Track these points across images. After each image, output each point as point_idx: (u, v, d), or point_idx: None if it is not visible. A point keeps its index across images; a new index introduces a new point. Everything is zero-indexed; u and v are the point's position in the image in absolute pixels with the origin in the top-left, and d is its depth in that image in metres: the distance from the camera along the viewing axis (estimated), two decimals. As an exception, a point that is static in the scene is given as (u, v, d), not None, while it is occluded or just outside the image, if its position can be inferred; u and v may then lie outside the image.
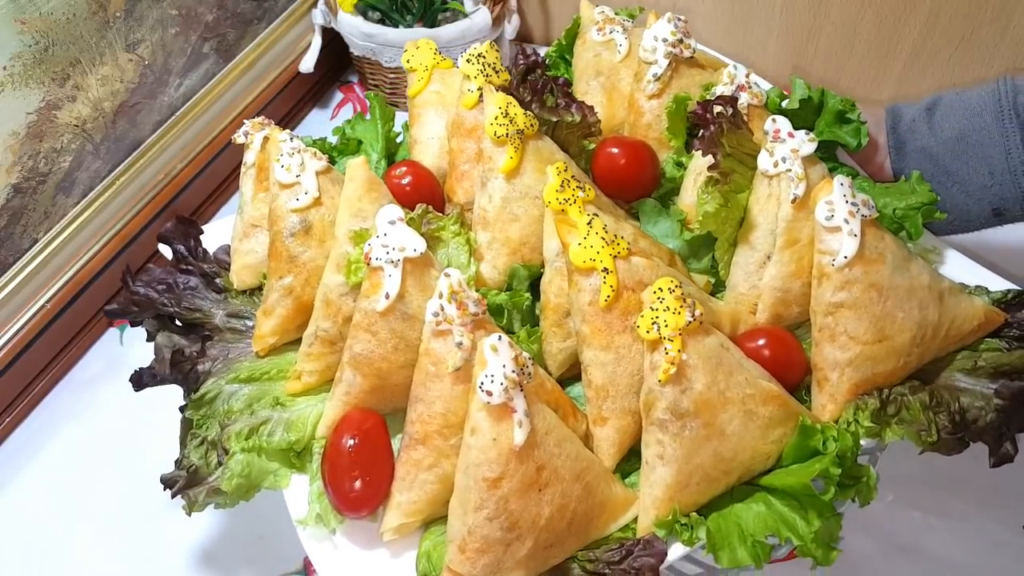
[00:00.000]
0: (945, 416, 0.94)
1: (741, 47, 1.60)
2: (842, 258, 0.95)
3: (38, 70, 1.27)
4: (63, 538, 1.28)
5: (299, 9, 1.80)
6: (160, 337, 1.06)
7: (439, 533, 0.92)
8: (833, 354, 0.97)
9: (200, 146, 1.62)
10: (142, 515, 1.28)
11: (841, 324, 0.96)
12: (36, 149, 1.31)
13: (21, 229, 1.34)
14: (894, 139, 1.18)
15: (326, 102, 1.93)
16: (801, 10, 1.50)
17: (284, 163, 1.05)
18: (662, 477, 0.89)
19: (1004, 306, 1.04)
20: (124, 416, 1.40)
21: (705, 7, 1.61)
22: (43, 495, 1.33)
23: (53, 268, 1.41)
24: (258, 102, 1.73)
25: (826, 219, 0.96)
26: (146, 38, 1.44)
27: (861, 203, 0.97)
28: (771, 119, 1.05)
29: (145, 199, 1.53)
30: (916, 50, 1.43)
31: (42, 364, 1.44)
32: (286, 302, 1.05)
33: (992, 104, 1.10)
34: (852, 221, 0.96)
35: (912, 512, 1.22)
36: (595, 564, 0.88)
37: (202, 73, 1.60)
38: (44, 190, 1.35)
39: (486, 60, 1.15)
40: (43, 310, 1.40)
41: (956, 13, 1.35)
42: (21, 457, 1.38)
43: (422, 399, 0.91)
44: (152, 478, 0.98)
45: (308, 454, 0.97)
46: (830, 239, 0.97)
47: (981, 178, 1.11)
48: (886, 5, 1.40)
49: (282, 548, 1.23)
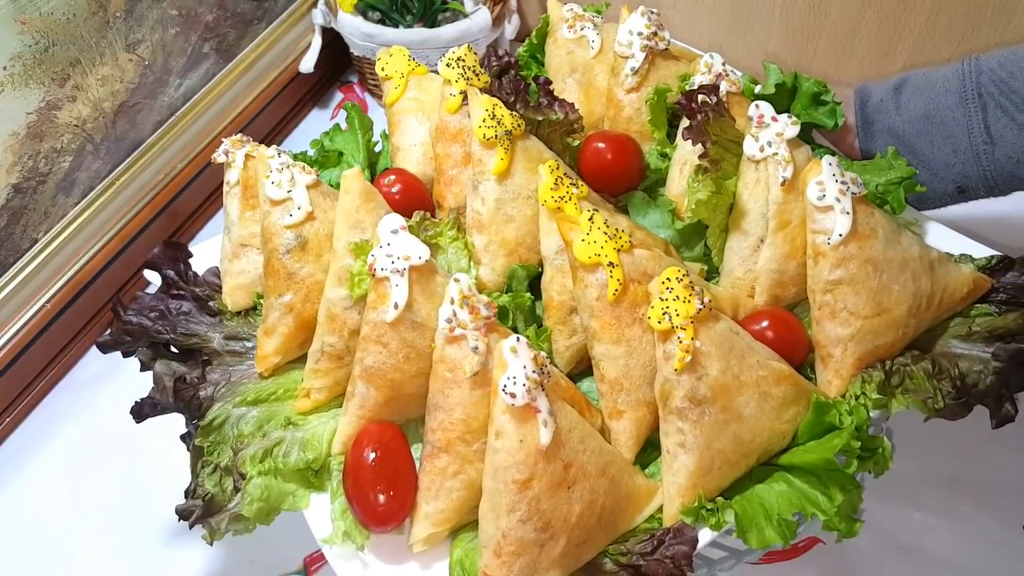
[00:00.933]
0: (948, 383, 0.97)
1: (741, 47, 1.62)
2: (837, 236, 0.97)
3: (38, 70, 1.27)
4: (63, 538, 1.27)
5: (299, 9, 1.79)
6: (159, 365, 1.03)
7: (469, 540, 0.91)
8: (835, 330, 0.99)
9: (200, 146, 1.61)
10: (142, 515, 1.27)
11: (840, 300, 0.99)
12: (36, 149, 1.31)
13: (21, 229, 1.34)
14: (862, 119, 1.21)
15: (326, 102, 1.92)
16: (801, 10, 1.51)
17: (274, 179, 1.03)
18: (684, 465, 0.90)
19: (989, 272, 1.07)
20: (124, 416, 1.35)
21: (705, 7, 1.62)
22: (43, 495, 1.33)
23: (53, 268, 1.41)
24: (258, 102, 1.72)
25: (818, 199, 0.98)
26: (146, 38, 1.43)
27: (850, 181, 1.00)
28: (754, 105, 1.07)
29: (145, 199, 1.53)
30: (916, 50, 1.45)
31: (42, 364, 1.43)
32: (287, 320, 1.03)
33: (956, 83, 1.12)
34: (843, 199, 0.98)
35: (912, 512, 1.22)
36: (628, 556, 0.88)
37: (202, 73, 1.59)
38: (44, 190, 1.35)
39: (466, 63, 1.14)
40: (43, 310, 1.39)
41: (956, 13, 1.37)
42: (21, 457, 1.37)
43: (441, 406, 0.90)
44: (151, 478, 0.96)
45: (326, 472, 0.96)
46: (823, 218, 0.99)
47: (945, 156, 1.14)
48: (886, 5, 1.42)
49: (282, 548, 1.23)
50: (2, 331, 1.35)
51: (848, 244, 0.98)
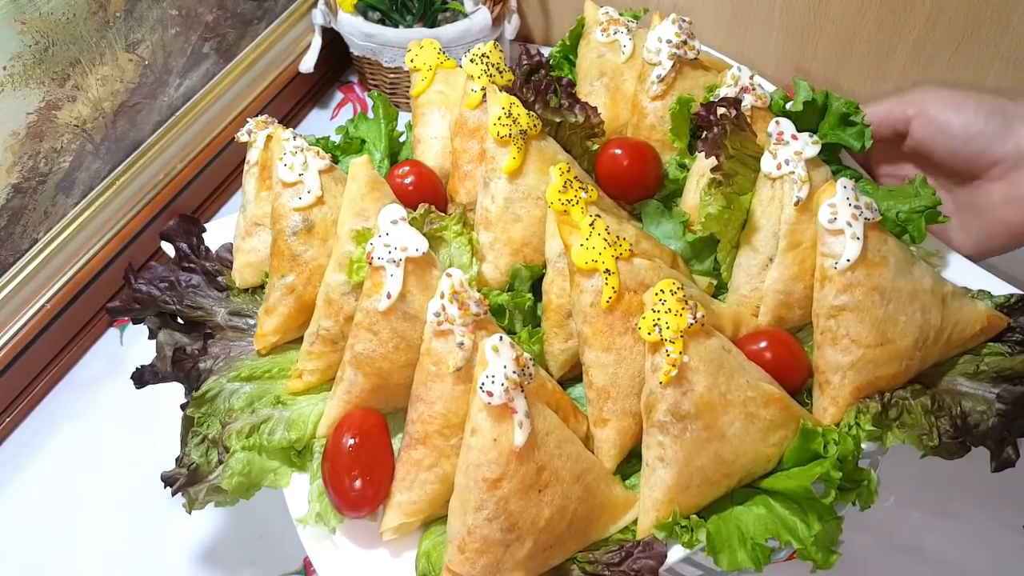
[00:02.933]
0: (947, 420, 0.94)
1: (741, 47, 1.60)
2: (844, 261, 0.95)
3: (38, 70, 1.27)
4: (63, 538, 1.28)
5: (299, 9, 1.80)
6: (162, 335, 1.06)
7: (439, 533, 0.92)
8: (835, 357, 0.97)
9: (200, 146, 1.62)
10: (142, 515, 1.28)
11: (843, 327, 0.96)
12: (36, 149, 1.31)
13: (21, 229, 1.34)
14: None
15: (326, 102, 1.93)
16: (801, 10, 1.50)
17: (287, 162, 1.05)
18: (662, 479, 0.89)
19: (1007, 310, 1.03)
20: (124, 416, 1.40)
21: (705, 7, 1.61)
22: (43, 495, 1.33)
23: (53, 268, 1.41)
24: (258, 102, 1.73)
25: (829, 222, 0.96)
26: (146, 38, 1.44)
27: (864, 206, 0.97)
28: (775, 121, 1.05)
29: (145, 199, 1.53)
30: (916, 50, 1.42)
31: (42, 364, 1.44)
32: (288, 301, 1.05)
33: None
34: (855, 224, 0.96)
35: (912, 512, 1.22)
36: (594, 565, 0.88)
37: (202, 73, 1.60)
38: (44, 190, 1.35)
39: (490, 60, 1.15)
40: (43, 310, 1.40)
41: (956, 13, 1.35)
42: (21, 457, 1.38)
43: (423, 399, 0.91)
44: (152, 478, 0.97)
45: (309, 453, 0.97)
46: (832, 242, 0.96)
47: None
48: (886, 5, 1.40)
49: (282, 548, 1.23)
50: (2, 331, 1.35)
51: (855, 270, 0.95)
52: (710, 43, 1.55)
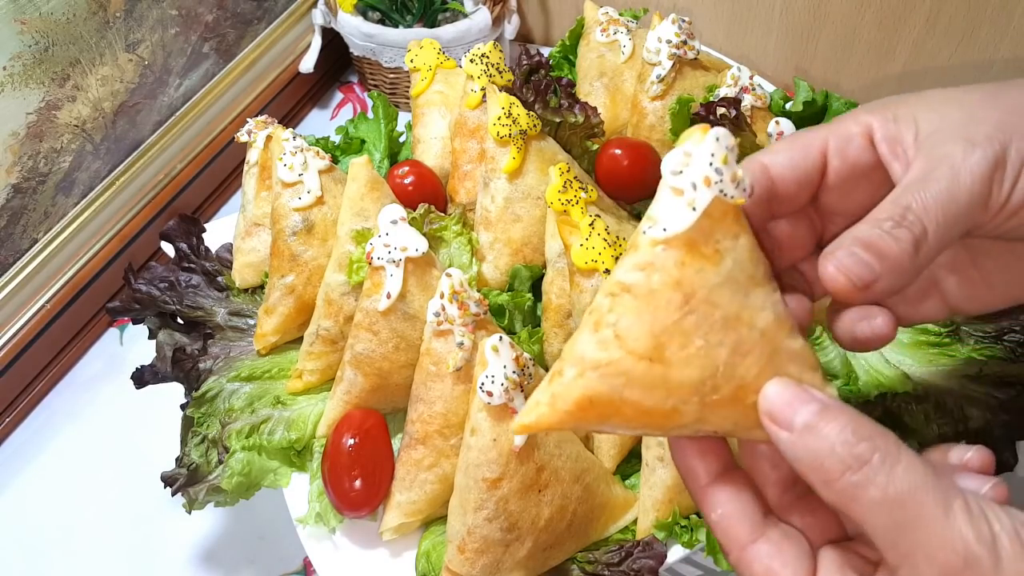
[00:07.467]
0: (948, 425, 0.94)
1: (741, 47, 1.60)
2: (661, 230, 0.55)
3: (38, 70, 1.27)
4: (63, 538, 1.27)
5: (299, 9, 1.79)
6: (162, 335, 1.06)
7: (438, 533, 0.92)
8: (585, 347, 0.57)
9: (200, 146, 1.61)
10: (142, 515, 1.28)
11: (616, 313, 0.56)
12: (36, 149, 1.31)
13: (21, 229, 1.34)
14: None
15: (326, 102, 1.92)
16: (801, 10, 1.50)
17: (287, 162, 1.05)
18: (662, 479, 0.89)
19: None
20: (124, 416, 1.40)
21: (705, 7, 1.61)
22: (43, 495, 1.33)
23: (53, 268, 1.41)
24: (258, 102, 1.73)
25: (672, 172, 0.55)
26: (146, 38, 1.43)
27: (730, 177, 0.55)
28: (774, 121, 1.05)
29: (145, 199, 1.53)
30: (916, 50, 1.42)
31: (42, 364, 1.43)
32: (288, 301, 1.05)
33: None
34: (701, 190, 0.54)
35: None
36: (594, 565, 0.88)
37: (202, 73, 1.60)
38: (44, 190, 1.35)
39: (489, 60, 1.15)
40: (43, 310, 1.39)
41: (956, 13, 1.35)
42: (21, 457, 1.37)
43: (423, 399, 0.91)
44: (152, 478, 0.97)
45: (308, 453, 0.97)
46: (665, 199, 0.55)
47: None
48: (886, 5, 1.40)
49: (282, 548, 1.23)
50: (2, 331, 1.35)
51: (669, 248, 0.54)
52: (710, 43, 1.56)
